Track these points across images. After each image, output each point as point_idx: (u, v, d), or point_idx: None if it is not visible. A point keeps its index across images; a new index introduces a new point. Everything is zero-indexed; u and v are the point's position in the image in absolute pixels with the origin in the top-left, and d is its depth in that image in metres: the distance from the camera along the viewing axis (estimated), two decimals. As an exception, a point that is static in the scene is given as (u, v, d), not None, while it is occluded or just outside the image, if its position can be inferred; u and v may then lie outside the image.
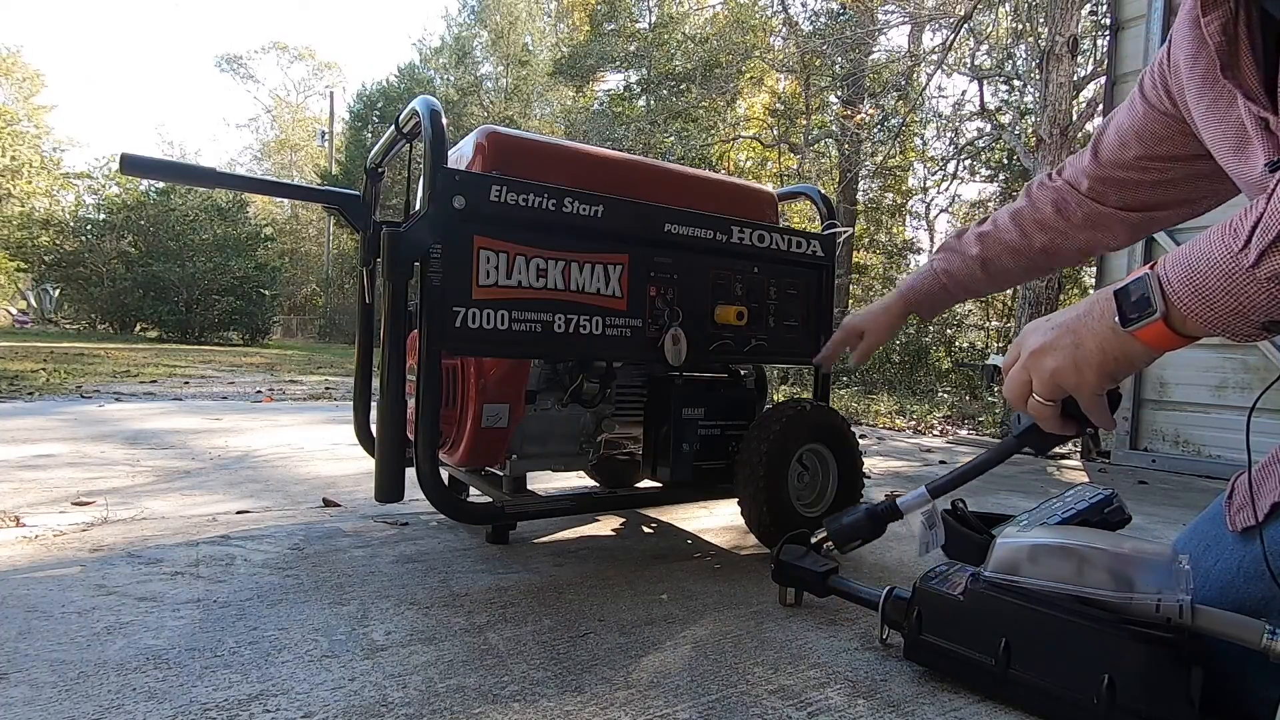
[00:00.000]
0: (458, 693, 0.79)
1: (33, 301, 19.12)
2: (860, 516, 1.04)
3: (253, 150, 35.25)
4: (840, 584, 1.02)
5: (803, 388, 7.16)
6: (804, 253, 1.50)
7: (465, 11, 24.39)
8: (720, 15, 13.39)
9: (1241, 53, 0.73)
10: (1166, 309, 0.63)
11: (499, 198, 1.16)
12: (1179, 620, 0.69)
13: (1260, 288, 0.58)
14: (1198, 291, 0.61)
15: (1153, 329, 0.64)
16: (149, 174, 1.31)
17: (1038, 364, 0.72)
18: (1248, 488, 0.81)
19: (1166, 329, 0.64)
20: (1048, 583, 0.76)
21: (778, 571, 1.09)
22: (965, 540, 1.18)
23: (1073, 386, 0.70)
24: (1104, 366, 0.68)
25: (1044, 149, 4.92)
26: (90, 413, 3.22)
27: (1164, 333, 0.64)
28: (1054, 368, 0.70)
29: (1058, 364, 0.70)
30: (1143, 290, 0.65)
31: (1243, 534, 0.79)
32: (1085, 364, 0.69)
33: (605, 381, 1.40)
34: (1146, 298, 0.64)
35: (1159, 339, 0.65)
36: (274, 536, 1.39)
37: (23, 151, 19.34)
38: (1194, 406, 3.07)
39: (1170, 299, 0.63)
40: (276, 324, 18.51)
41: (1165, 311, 0.63)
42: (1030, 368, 0.73)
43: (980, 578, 0.82)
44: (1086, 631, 0.73)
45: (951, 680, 0.86)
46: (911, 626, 0.88)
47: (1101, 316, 0.68)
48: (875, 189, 13.73)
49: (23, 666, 0.81)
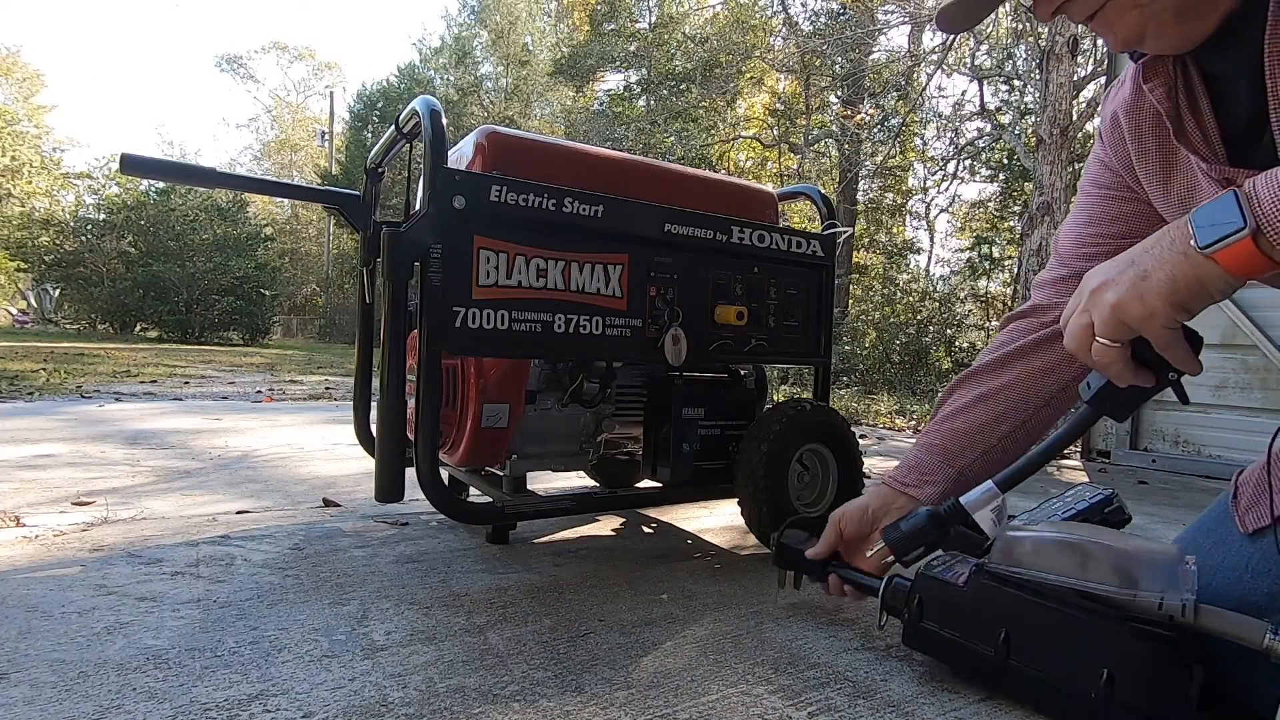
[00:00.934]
0: (458, 693, 0.79)
1: (33, 301, 19.14)
2: (921, 521, 0.90)
3: (253, 150, 35.29)
4: (840, 569, 1.01)
5: (803, 388, 7.16)
6: (804, 253, 1.50)
7: (465, 11, 24.41)
8: (720, 15, 13.39)
9: (1186, 117, 0.73)
10: (1258, 226, 0.56)
11: (499, 198, 1.16)
12: (1181, 619, 0.69)
13: None
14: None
15: (1239, 248, 0.57)
16: (149, 174, 1.31)
17: (1098, 300, 0.65)
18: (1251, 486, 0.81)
19: (1255, 249, 0.56)
20: (1052, 576, 0.76)
21: (779, 555, 1.07)
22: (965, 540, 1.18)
23: (1139, 319, 0.62)
24: (1174, 295, 0.61)
25: (1044, 149, 4.92)
26: (90, 413, 3.22)
27: (1251, 253, 0.57)
28: (1115, 300, 0.63)
29: (1119, 296, 0.63)
30: (1228, 208, 0.58)
31: (1253, 535, 0.78)
32: (1152, 293, 0.61)
33: (605, 381, 1.40)
34: (1232, 216, 0.57)
35: (1243, 261, 0.57)
36: (274, 536, 1.39)
37: (23, 151, 19.33)
38: (1194, 406, 3.06)
39: (1262, 216, 0.56)
40: (276, 324, 18.52)
41: (1256, 228, 0.56)
42: (1091, 307, 0.66)
43: (984, 568, 0.82)
44: (1088, 626, 0.73)
45: (950, 669, 0.87)
46: (912, 613, 0.87)
47: (1173, 244, 0.61)
48: (875, 189, 13.74)
49: (23, 666, 0.81)
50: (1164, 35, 0.68)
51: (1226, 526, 0.83)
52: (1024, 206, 9.17)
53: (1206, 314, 0.64)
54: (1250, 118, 0.69)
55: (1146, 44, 0.69)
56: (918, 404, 5.99)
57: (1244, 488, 0.83)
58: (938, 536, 0.89)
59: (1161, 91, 0.73)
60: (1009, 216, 12.20)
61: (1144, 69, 0.75)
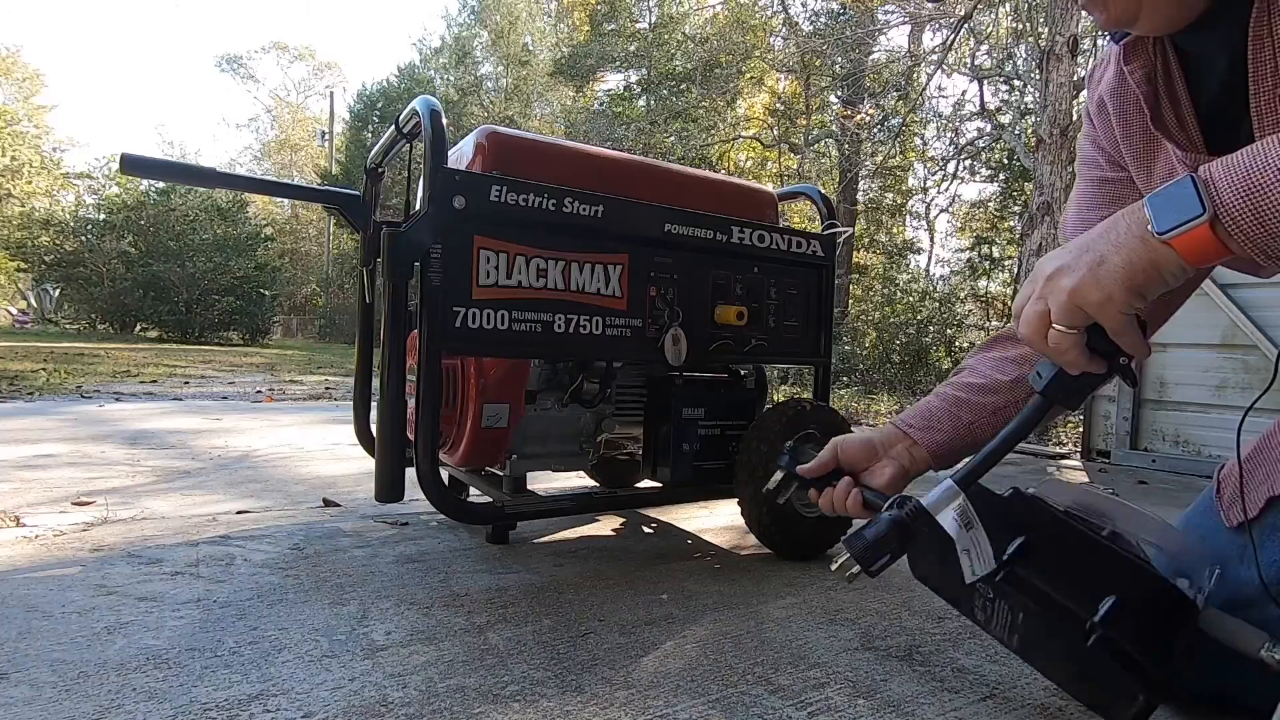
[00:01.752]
0: (458, 693, 0.79)
1: (33, 301, 19.13)
2: (883, 528, 0.84)
3: (253, 150, 35.27)
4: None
5: (803, 388, 7.16)
6: (804, 253, 1.50)
7: (465, 11, 24.37)
8: (720, 15, 13.39)
9: (1164, 104, 0.73)
10: (1215, 213, 0.56)
11: (499, 198, 1.16)
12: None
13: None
14: (1250, 194, 0.54)
15: (1196, 234, 0.57)
16: (149, 174, 1.31)
17: (1054, 286, 0.64)
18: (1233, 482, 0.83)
19: (1211, 235, 0.56)
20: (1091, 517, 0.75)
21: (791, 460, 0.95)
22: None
23: (1095, 305, 0.62)
24: (1131, 280, 0.60)
25: (1044, 149, 4.92)
26: (90, 413, 3.22)
27: (1208, 240, 0.56)
28: (1072, 286, 0.62)
29: (1075, 282, 0.62)
30: (1185, 194, 0.57)
31: (1237, 528, 0.80)
32: (1109, 278, 0.61)
33: (605, 381, 1.40)
34: (1190, 202, 0.57)
35: (1199, 248, 0.57)
36: (274, 536, 1.39)
37: (23, 151, 19.33)
38: (1194, 406, 3.07)
39: (1220, 203, 0.56)
40: (276, 324, 18.54)
41: (1214, 215, 0.56)
42: (1046, 294, 0.65)
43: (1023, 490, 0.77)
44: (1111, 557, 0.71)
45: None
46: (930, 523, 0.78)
47: (1129, 229, 0.61)
48: (875, 189, 13.74)
49: (23, 666, 0.81)
50: (1157, 15, 0.67)
51: (1216, 520, 0.85)
52: (1024, 206, 9.18)
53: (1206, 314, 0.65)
54: (1226, 96, 0.69)
55: (1139, 23, 0.69)
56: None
57: (1226, 482, 0.85)
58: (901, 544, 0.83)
59: (1141, 75, 0.73)
60: (1009, 216, 12.21)
61: (1125, 51, 0.75)
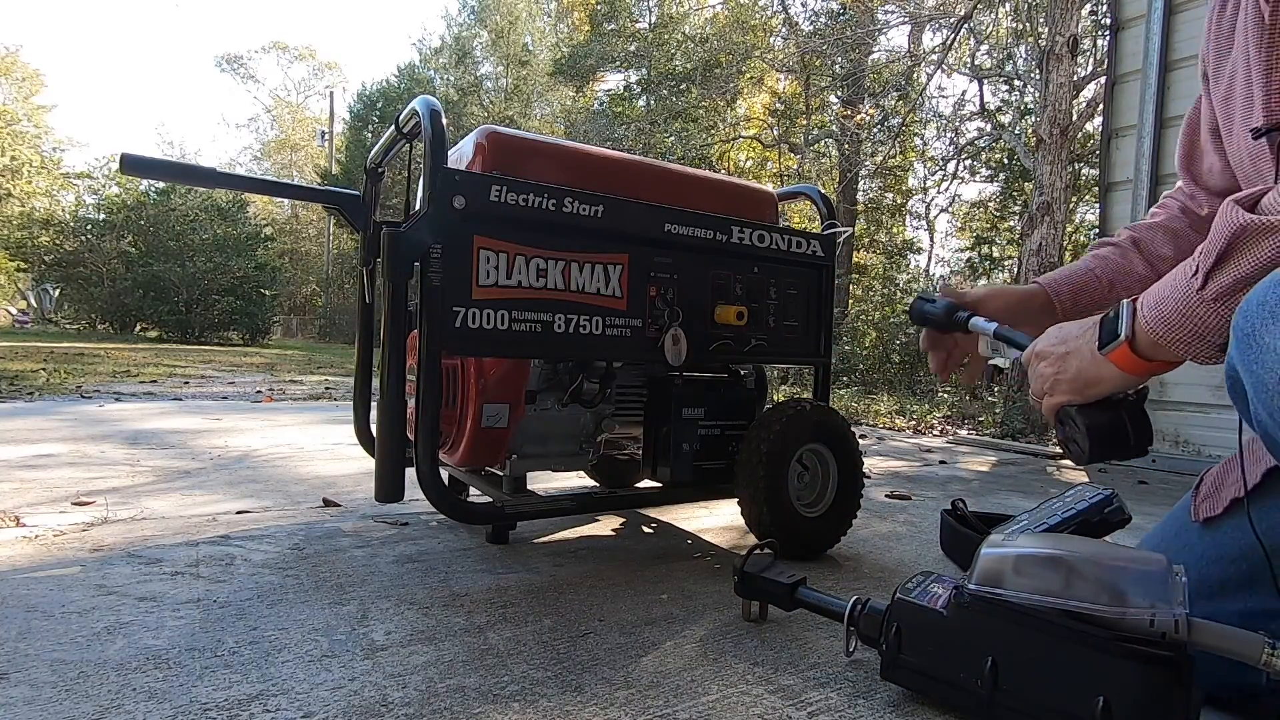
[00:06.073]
0: (458, 693, 0.79)
1: (33, 301, 19.12)
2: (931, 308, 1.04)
3: (253, 150, 35.29)
4: (808, 595, 0.96)
5: (803, 388, 7.16)
6: (804, 253, 1.50)
7: (465, 11, 24.37)
8: (720, 15, 13.40)
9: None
10: (1132, 334, 0.69)
11: (499, 198, 1.16)
12: (1175, 635, 0.65)
13: (1209, 309, 0.63)
14: (1162, 317, 0.66)
15: (1119, 352, 0.70)
16: (149, 174, 1.31)
17: (1034, 366, 0.81)
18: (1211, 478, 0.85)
19: (1131, 353, 0.70)
20: (1036, 597, 0.70)
21: (741, 584, 1.01)
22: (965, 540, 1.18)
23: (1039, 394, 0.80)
24: (1074, 383, 0.76)
25: (1044, 149, 4.92)
26: (90, 413, 3.22)
27: (1129, 356, 0.70)
28: (1038, 373, 0.80)
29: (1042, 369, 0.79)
30: (1118, 317, 0.71)
31: (1204, 524, 0.83)
32: (1063, 377, 0.76)
33: (605, 381, 1.40)
34: (1119, 324, 0.70)
35: (1126, 363, 0.71)
36: (274, 536, 1.39)
37: (23, 151, 19.34)
38: (1194, 406, 3.07)
39: (1138, 325, 0.68)
40: (276, 324, 18.53)
41: (1131, 336, 0.69)
42: (1028, 364, 0.83)
43: (964, 591, 0.76)
44: (1079, 650, 0.68)
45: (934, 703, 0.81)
46: (890, 643, 0.81)
47: (1090, 340, 0.74)
48: (875, 189, 13.74)
49: (23, 666, 0.81)
50: None
51: (1186, 519, 0.86)
52: (1024, 206, 9.18)
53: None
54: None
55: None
56: (918, 404, 5.99)
57: (1205, 480, 0.86)
58: (947, 320, 1.01)
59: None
60: (1009, 216, 12.21)
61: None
